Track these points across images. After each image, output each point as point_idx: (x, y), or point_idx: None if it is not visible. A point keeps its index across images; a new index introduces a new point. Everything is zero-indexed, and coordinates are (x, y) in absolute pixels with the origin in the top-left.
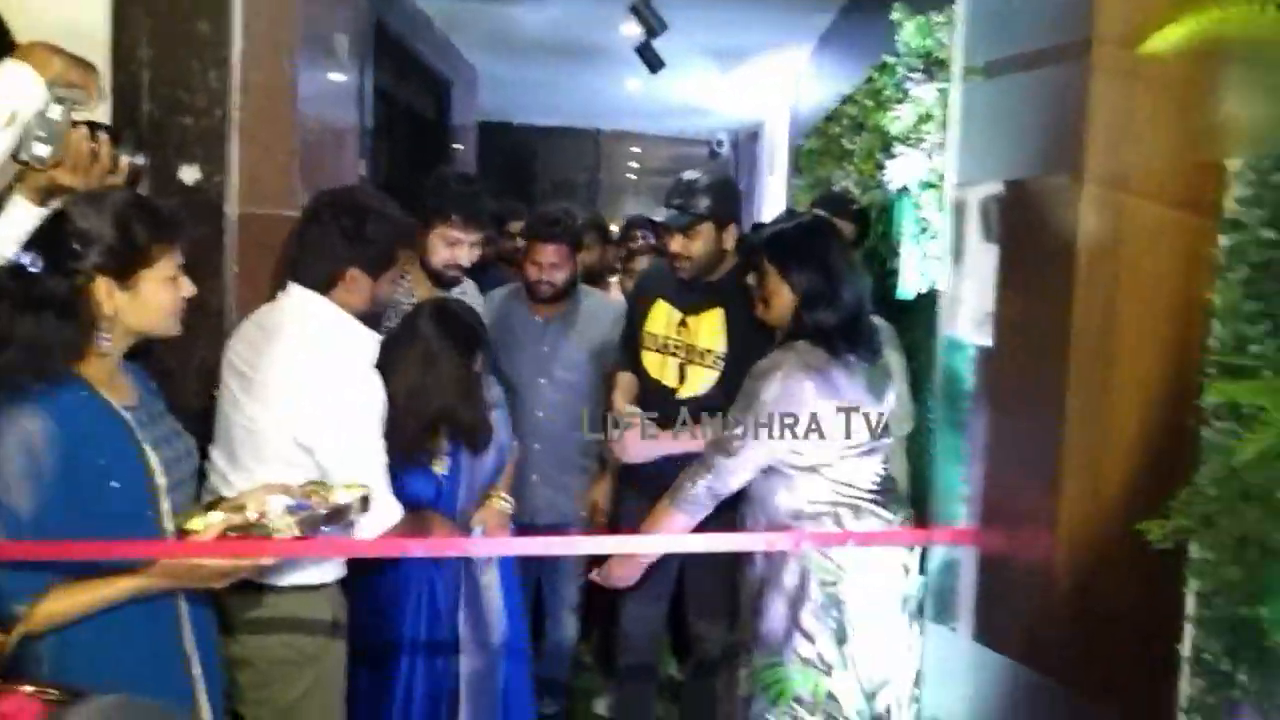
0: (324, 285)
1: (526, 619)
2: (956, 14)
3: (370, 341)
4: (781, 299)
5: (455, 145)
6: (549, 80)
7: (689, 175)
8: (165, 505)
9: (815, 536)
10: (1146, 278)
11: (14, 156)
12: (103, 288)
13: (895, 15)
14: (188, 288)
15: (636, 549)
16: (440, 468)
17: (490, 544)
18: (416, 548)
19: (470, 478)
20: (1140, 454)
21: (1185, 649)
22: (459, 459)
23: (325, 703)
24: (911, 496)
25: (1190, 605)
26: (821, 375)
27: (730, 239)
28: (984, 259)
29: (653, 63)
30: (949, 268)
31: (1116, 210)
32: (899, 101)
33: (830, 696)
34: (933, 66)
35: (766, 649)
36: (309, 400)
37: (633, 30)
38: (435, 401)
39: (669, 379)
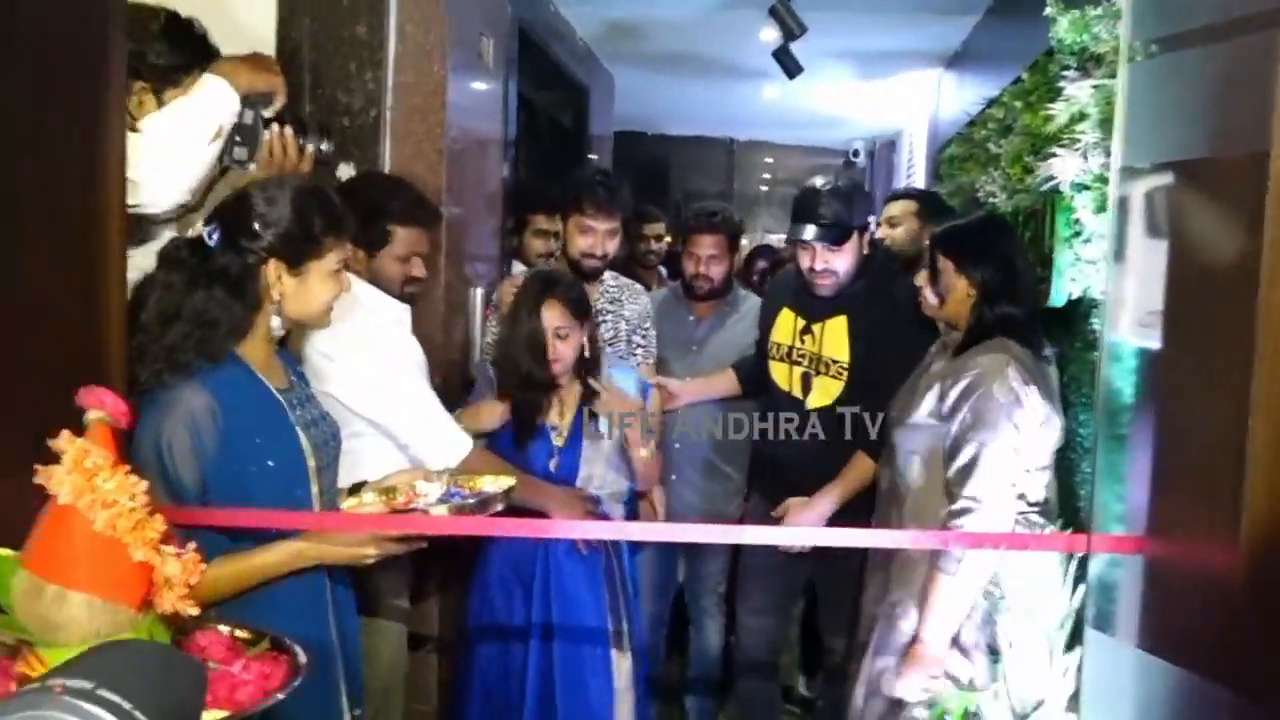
0: None
1: (617, 611)
2: None
3: (385, 305)
4: (958, 294)
5: (591, 155)
6: (685, 89)
7: (822, 184)
8: (315, 487)
9: (965, 537)
10: None
11: (218, 160)
12: (273, 270)
13: (1049, 10)
14: (348, 283)
15: (766, 539)
16: (559, 439)
17: (619, 528)
18: (559, 529)
19: (592, 453)
20: None
21: None
22: (579, 433)
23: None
24: (1061, 516)
25: None
26: (1037, 375)
27: (866, 244)
28: (1149, 256)
29: (790, 67)
30: (1110, 268)
31: None
32: (1051, 100)
33: (975, 716)
34: (1088, 63)
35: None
36: (340, 371)
37: (770, 35)
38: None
39: (795, 389)
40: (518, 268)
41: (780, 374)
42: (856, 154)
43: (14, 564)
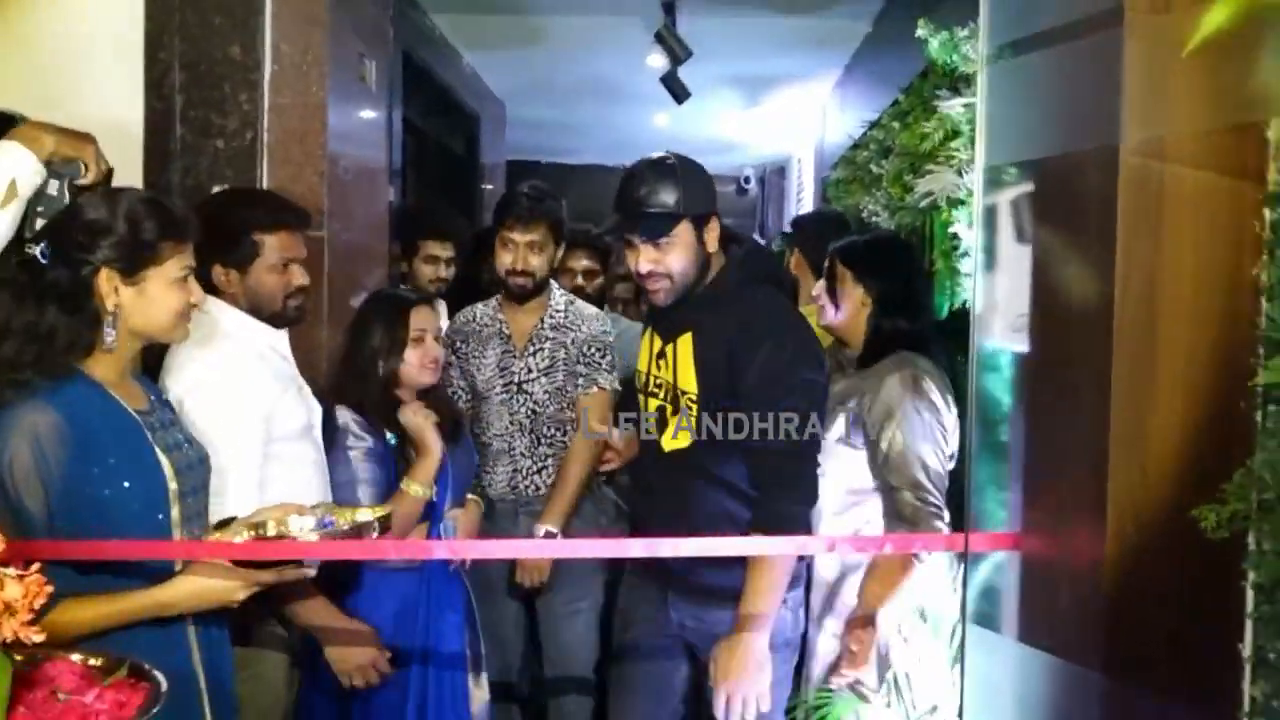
0: (211, 289)
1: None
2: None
3: (255, 333)
4: (854, 305)
5: (485, 185)
6: (577, 118)
7: (639, 165)
8: (176, 512)
9: (853, 541)
10: (1190, 252)
11: (19, 236)
12: (107, 281)
13: (920, 32)
14: (198, 293)
15: (662, 552)
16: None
17: (511, 546)
18: (440, 549)
19: (455, 472)
20: (1191, 438)
21: (1246, 648)
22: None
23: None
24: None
25: (1250, 600)
26: (945, 384)
27: (713, 238)
28: (1016, 261)
29: (678, 92)
30: (979, 276)
31: (1157, 181)
32: (927, 120)
33: None
34: (959, 82)
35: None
36: (185, 398)
37: (658, 61)
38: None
39: (652, 427)
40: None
41: (643, 407)
42: (748, 180)
43: None
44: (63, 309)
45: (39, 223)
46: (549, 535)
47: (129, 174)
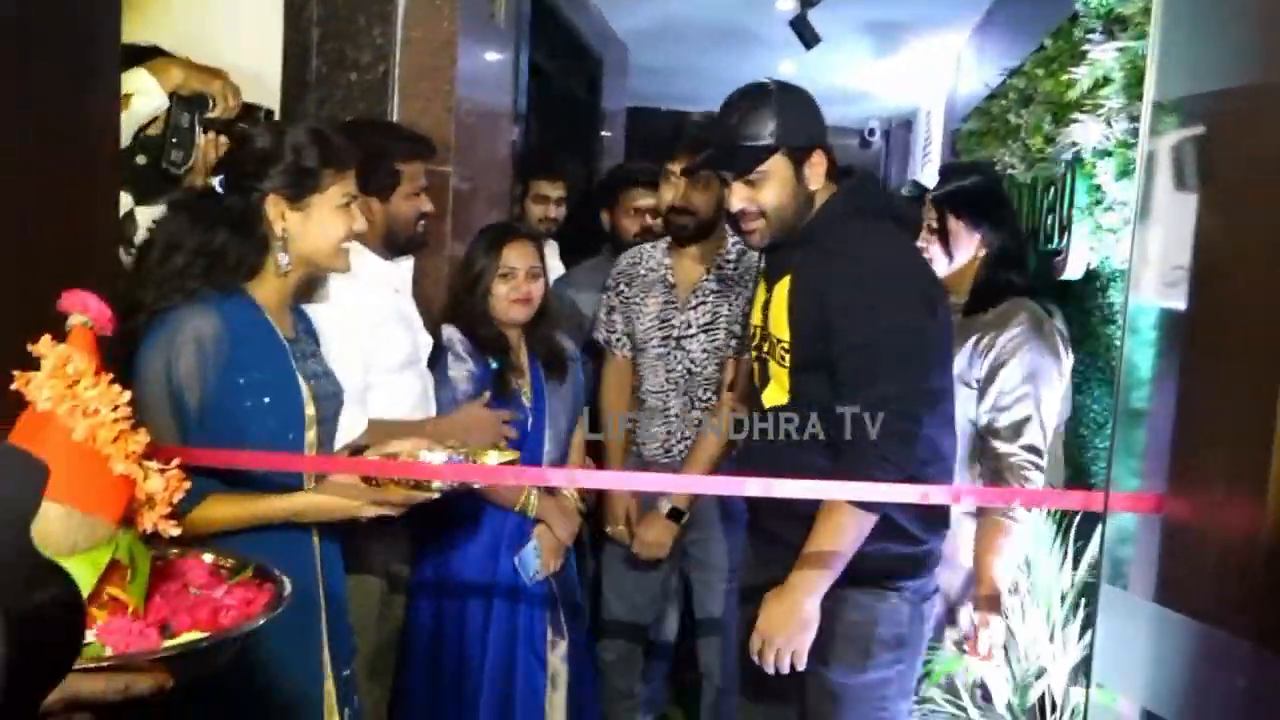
0: None
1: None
2: None
3: (381, 272)
4: (968, 254)
5: (604, 133)
6: (700, 64)
7: (734, 93)
8: (311, 435)
9: (978, 492)
10: None
11: (156, 165)
12: (274, 206)
13: None
14: (359, 221)
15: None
16: (528, 398)
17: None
18: (558, 477)
19: (554, 410)
20: None
21: None
22: (541, 391)
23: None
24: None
25: None
26: (1064, 335)
27: (817, 173)
28: (1178, 209)
29: (808, 37)
30: (1135, 230)
31: None
32: (1075, 66)
33: (980, 685)
34: (1113, 25)
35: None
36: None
37: (787, 4)
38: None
39: (757, 379)
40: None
41: (755, 365)
42: (872, 133)
43: None
44: (234, 231)
45: (174, 153)
46: (674, 514)
47: (265, 104)
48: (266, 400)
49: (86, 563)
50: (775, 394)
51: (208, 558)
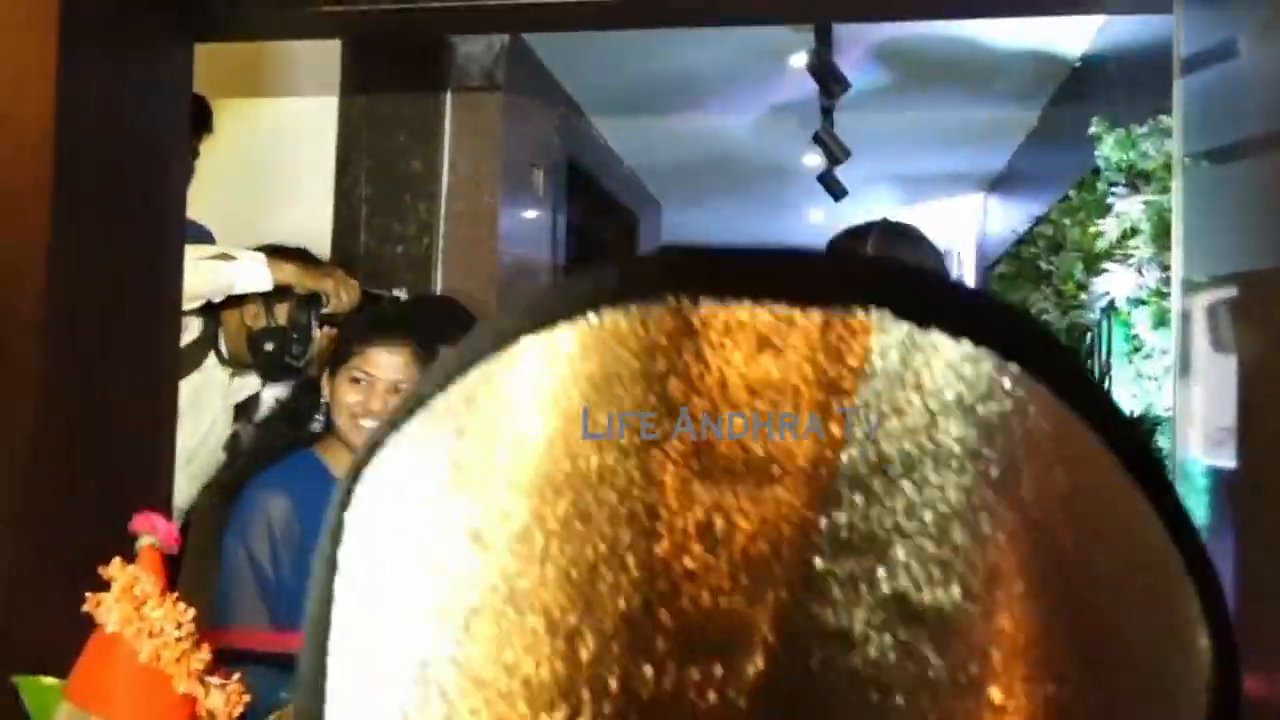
0: None
1: None
2: (1174, 101)
3: None
4: None
5: None
6: (731, 213)
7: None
8: None
9: None
10: None
11: (277, 362)
12: (326, 376)
13: (1094, 129)
14: (376, 404)
15: None
16: None
17: None
18: None
19: None
20: None
21: None
22: None
23: None
24: None
25: None
26: None
27: None
28: (1217, 370)
29: (835, 191)
30: (1175, 384)
31: None
32: (1101, 217)
33: None
34: (1136, 179)
35: None
36: None
37: (814, 160)
38: None
39: None
40: None
41: None
42: None
43: (58, 693)
44: (301, 391)
45: (295, 347)
46: None
47: None
48: None
49: None
50: None
51: None
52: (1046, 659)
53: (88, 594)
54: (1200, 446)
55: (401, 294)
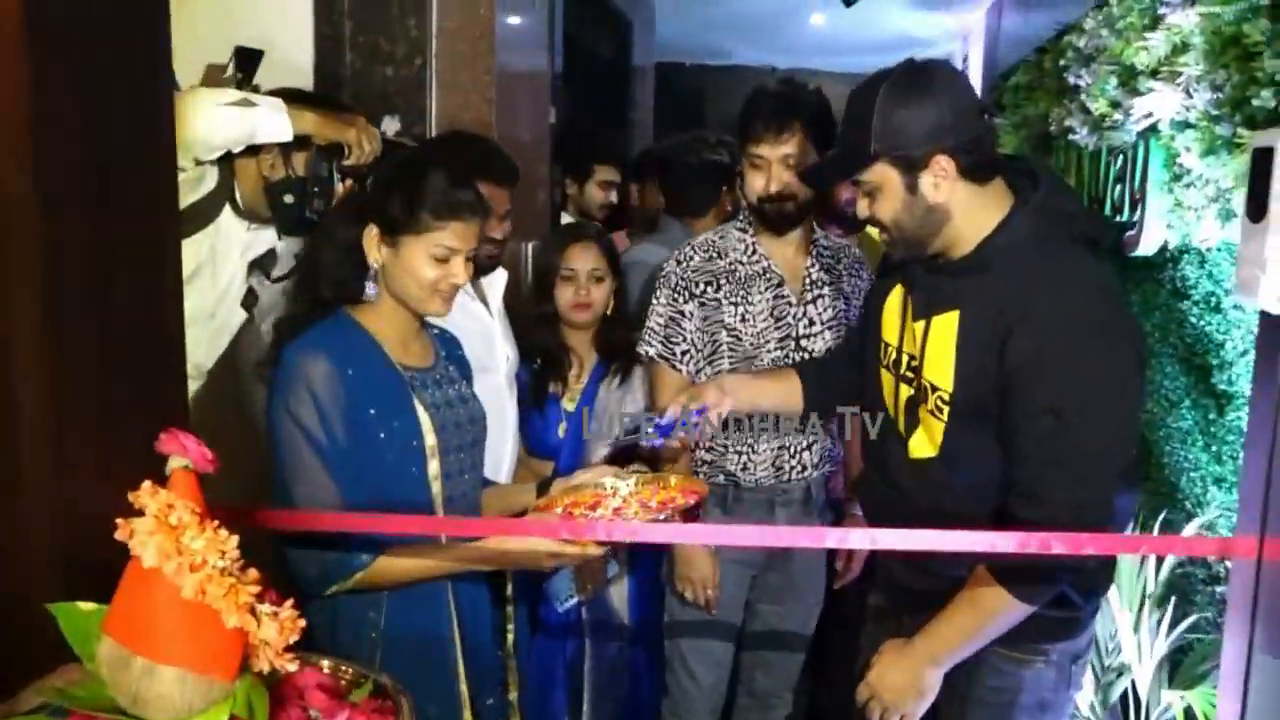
0: None
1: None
2: None
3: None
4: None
5: (632, 88)
6: (727, 16)
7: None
8: (435, 467)
9: (1067, 540)
10: None
11: (297, 215)
12: (369, 238)
13: None
14: (461, 276)
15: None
16: (570, 403)
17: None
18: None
19: (604, 419)
20: None
21: None
22: (593, 396)
23: None
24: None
25: None
26: None
27: (939, 186)
28: None
29: None
30: (1243, 227)
31: None
32: (1149, 29)
33: None
34: None
35: None
36: None
37: None
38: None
39: (900, 419)
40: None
41: (888, 389)
42: None
43: (97, 620)
44: (337, 254)
45: (316, 200)
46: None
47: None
48: (383, 435)
49: None
50: (922, 445)
51: (325, 665)
52: None
53: (118, 521)
54: (1272, 297)
55: (394, 123)
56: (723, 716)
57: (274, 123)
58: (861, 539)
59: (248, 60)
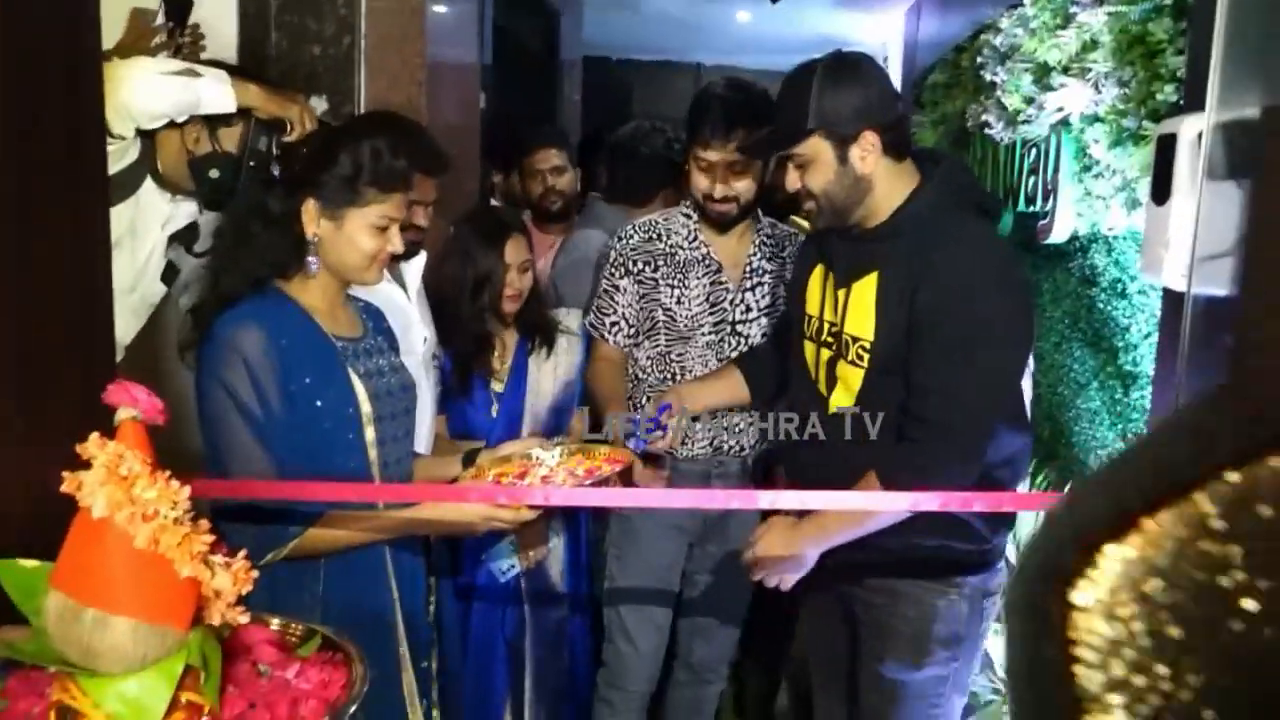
0: None
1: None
2: None
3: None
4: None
5: (560, 82)
6: (655, 12)
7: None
8: (371, 434)
9: (989, 498)
10: None
11: (226, 190)
12: (309, 212)
13: None
14: (396, 244)
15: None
16: (499, 384)
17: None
18: (667, 498)
19: (535, 395)
20: None
21: None
22: (523, 372)
23: None
24: (1049, 458)
25: None
26: None
27: (866, 158)
28: (1216, 199)
29: None
30: (1149, 210)
31: None
32: (1060, 28)
33: None
34: None
35: None
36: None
37: None
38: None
39: (821, 382)
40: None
41: (810, 356)
42: None
43: (43, 577)
44: (270, 229)
45: (251, 174)
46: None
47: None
48: (319, 404)
49: (160, 674)
50: (840, 397)
51: (274, 624)
52: None
53: (65, 474)
54: (1175, 274)
55: (322, 103)
56: (658, 693)
57: (218, 94)
58: (793, 499)
59: (179, 7)
